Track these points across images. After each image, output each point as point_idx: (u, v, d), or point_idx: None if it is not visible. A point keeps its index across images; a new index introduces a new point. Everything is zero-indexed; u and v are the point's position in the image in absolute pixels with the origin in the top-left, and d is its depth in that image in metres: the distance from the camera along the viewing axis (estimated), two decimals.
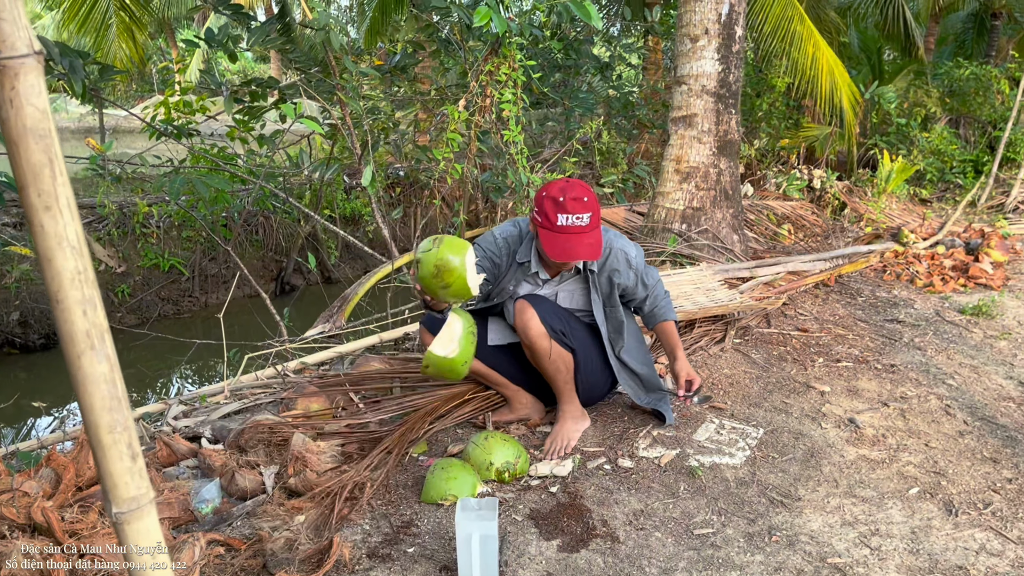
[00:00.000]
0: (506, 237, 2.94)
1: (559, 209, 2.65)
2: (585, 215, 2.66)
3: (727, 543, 2.36)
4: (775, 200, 7.85)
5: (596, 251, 2.69)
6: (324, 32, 4.55)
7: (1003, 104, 10.53)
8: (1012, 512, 2.54)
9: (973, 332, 4.40)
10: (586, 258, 2.67)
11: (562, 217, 2.65)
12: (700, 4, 5.23)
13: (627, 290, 3.01)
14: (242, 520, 2.44)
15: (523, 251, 2.91)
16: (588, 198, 2.68)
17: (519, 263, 2.92)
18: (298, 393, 3.25)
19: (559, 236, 2.67)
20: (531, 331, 2.83)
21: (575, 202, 2.65)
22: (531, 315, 2.83)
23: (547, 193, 2.70)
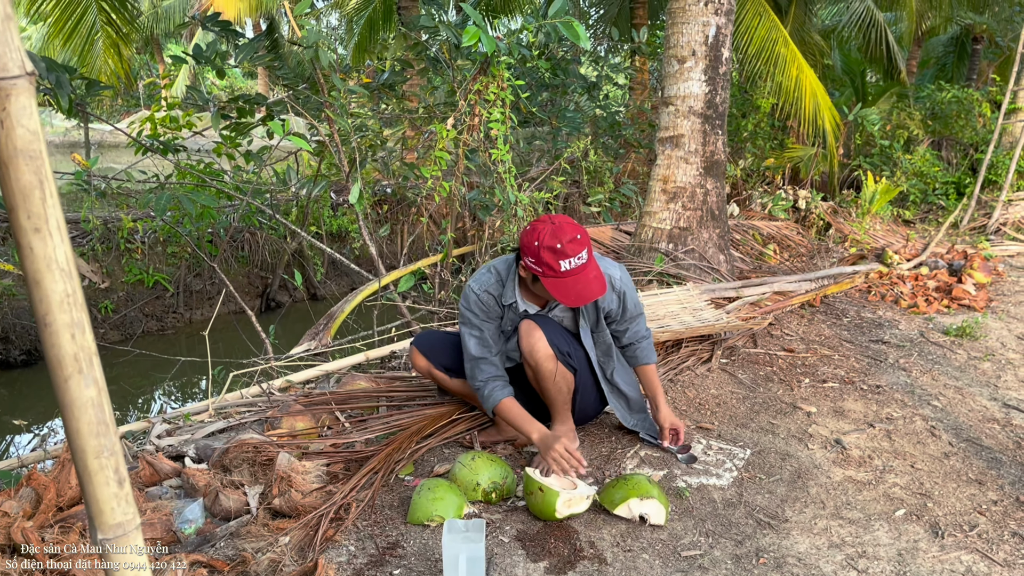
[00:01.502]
0: (486, 289, 2.91)
1: (560, 256, 2.62)
2: (583, 252, 2.66)
3: (715, 565, 2.35)
4: (761, 220, 7.90)
5: (603, 283, 2.70)
6: (313, 49, 4.55)
7: (984, 127, 10.68)
8: (998, 534, 2.55)
9: (957, 353, 4.43)
10: (599, 295, 2.67)
11: (565, 263, 2.63)
12: (687, 26, 5.28)
13: (611, 313, 3.02)
14: (226, 541, 2.41)
15: (508, 294, 2.90)
16: (580, 235, 2.67)
17: (506, 305, 2.93)
18: (283, 412, 3.23)
19: (567, 280, 2.65)
20: (539, 353, 2.82)
21: (572, 244, 2.63)
22: (539, 336, 2.82)
23: (541, 243, 2.64)
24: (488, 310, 2.91)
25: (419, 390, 3.50)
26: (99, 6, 8.67)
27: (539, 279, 2.68)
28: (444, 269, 5.15)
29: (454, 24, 5.20)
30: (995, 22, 16.17)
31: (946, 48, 18.61)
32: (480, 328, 2.90)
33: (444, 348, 3.06)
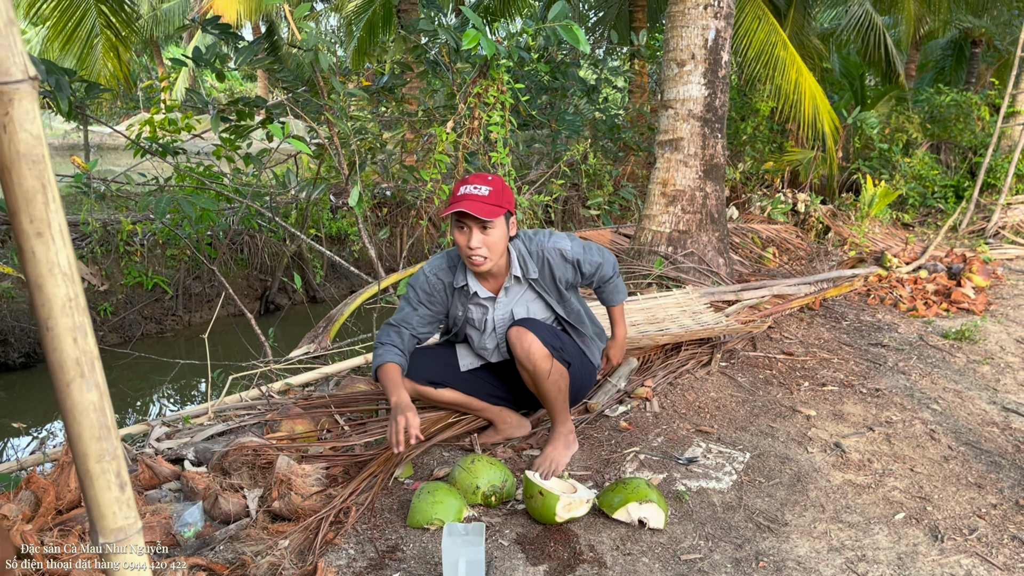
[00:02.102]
0: (435, 272, 2.94)
1: (461, 184, 2.76)
2: (483, 187, 2.71)
3: (714, 569, 2.35)
4: (760, 223, 7.90)
5: (486, 212, 2.67)
6: (312, 52, 4.56)
7: (983, 130, 10.69)
8: (997, 538, 2.55)
9: (956, 357, 4.43)
10: (472, 211, 2.64)
11: (462, 188, 2.73)
12: (687, 29, 5.29)
13: (570, 282, 3.02)
14: (225, 544, 2.40)
15: (459, 276, 2.92)
16: (492, 178, 2.75)
17: (457, 288, 2.93)
18: (283, 415, 3.23)
19: (455, 201, 2.71)
20: (535, 355, 2.80)
21: (477, 177, 2.75)
22: (532, 338, 2.80)
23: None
24: (431, 295, 2.95)
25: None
26: (98, 9, 8.68)
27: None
28: None
29: (454, 27, 5.20)
30: (994, 26, 16.20)
31: (945, 52, 18.65)
32: (415, 308, 2.94)
33: (424, 362, 3.03)
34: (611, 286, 3.18)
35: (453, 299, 2.96)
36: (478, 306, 2.96)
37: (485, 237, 2.72)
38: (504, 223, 2.77)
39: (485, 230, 2.71)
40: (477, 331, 3.02)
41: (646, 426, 3.37)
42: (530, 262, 2.92)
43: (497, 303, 2.96)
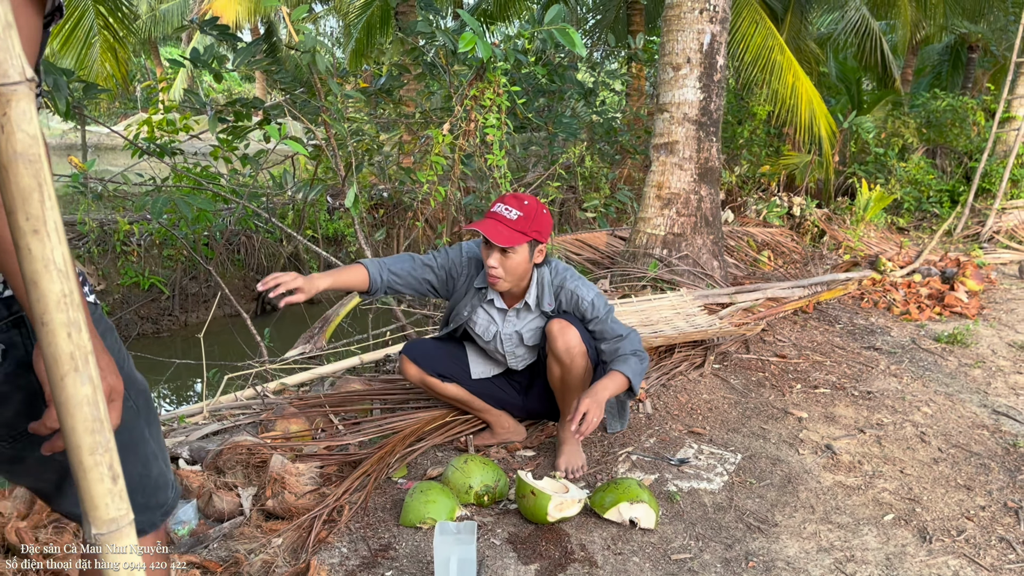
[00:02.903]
0: (471, 257, 2.98)
1: (499, 200, 2.78)
2: (514, 210, 2.73)
3: (704, 568, 2.37)
4: (755, 227, 7.93)
5: (504, 238, 2.69)
6: (309, 54, 4.58)
7: (979, 135, 10.73)
8: (985, 539, 2.58)
9: (948, 360, 4.46)
10: (492, 237, 2.66)
11: (497, 205, 2.76)
12: (682, 33, 5.32)
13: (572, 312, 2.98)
14: (219, 542, 2.42)
15: (482, 277, 2.94)
16: (528, 201, 2.75)
17: (477, 288, 2.95)
18: (277, 414, 3.24)
19: (487, 220, 2.74)
20: (575, 349, 2.83)
21: (514, 198, 2.76)
22: (574, 333, 2.83)
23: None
24: (454, 268, 2.96)
25: (413, 393, 3.52)
26: (96, 10, 8.69)
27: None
28: None
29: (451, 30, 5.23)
30: (990, 31, 16.25)
31: (941, 57, 18.71)
32: (435, 270, 2.94)
33: (435, 355, 3.07)
34: (623, 360, 2.82)
35: (468, 294, 2.97)
36: (487, 314, 2.98)
37: (503, 259, 2.75)
38: (527, 249, 2.78)
39: (504, 253, 2.74)
40: (482, 339, 3.05)
41: (639, 427, 3.39)
42: (547, 293, 2.91)
43: (507, 319, 2.98)
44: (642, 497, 2.56)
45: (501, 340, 3.02)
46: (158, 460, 1.49)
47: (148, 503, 1.47)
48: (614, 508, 2.56)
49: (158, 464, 1.49)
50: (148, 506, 1.47)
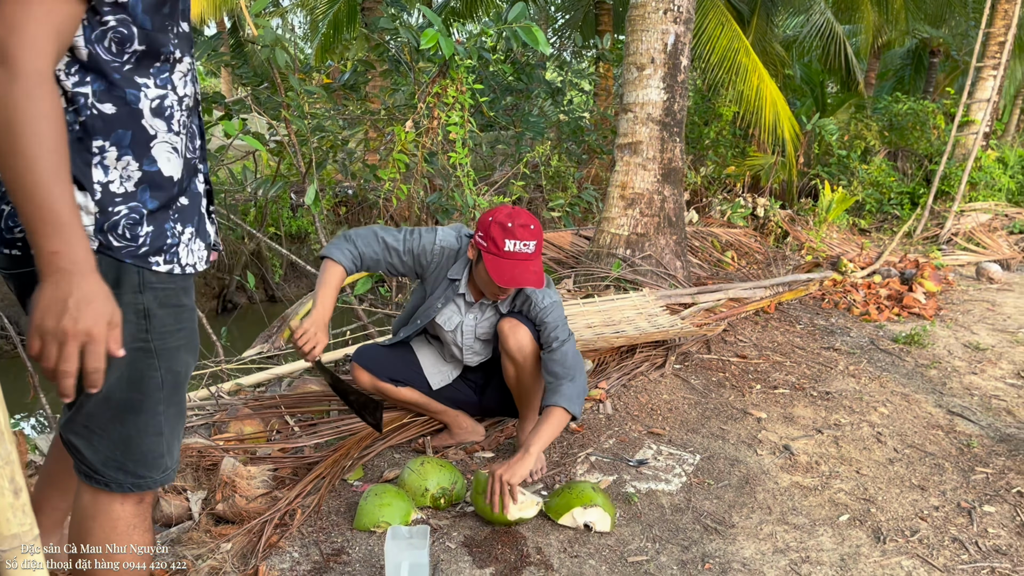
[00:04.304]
0: (444, 246, 2.87)
1: (507, 235, 2.63)
2: (531, 243, 2.66)
3: (661, 570, 2.36)
4: (719, 227, 7.97)
5: (540, 279, 2.68)
6: (269, 49, 4.50)
7: (939, 139, 10.91)
8: (938, 539, 2.59)
9: (905, 361, 4.50)
10: (531, 285, 2.65)
11: (510, 243, 2.63)
12: (647, 34, 5.32)
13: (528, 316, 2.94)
14: (166, 548, 2.36)
15: (456, 268, 2.88)
16: (534, 226, 2.68)
17: (451, 280, 2.90)
18: (231, 415, 3.18)
19: (506, 262, 2.64)
20: (527, 348, 2.82)
21: (523, 229, 2.64)
22: (525, 331, 2.82)
23: (494, 219, 2.66)
24: (423, 255, 2.84)
25: (372, 394, 3.47)
26: None
27: (482, 256, 2.68)
28: None
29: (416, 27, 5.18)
30: (951, 36, 16.54)
31: (903, 61, 19.01)
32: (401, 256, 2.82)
33: (386, 360, 3.02)
34: (566, 386, 2.71)
35: (440, 287, 2.91)
36: (455, 305, 2.95)
37: None
38: None
39: None
40: (443, 329, 3.00)
41: (598, 428, 3.38)
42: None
43: (471, 311, 2.96)
44: (596, 500, 2.54)
45: (462, 331, 2.99)
46: (158, 440, 1.52)
47: (123, 466, 1.49)
48: (568, 513, 2.53)
49: (157, 443, 1.51)
50: (122, 468, 1.49)
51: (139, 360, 1.43)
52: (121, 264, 1.38)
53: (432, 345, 3.17)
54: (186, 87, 1.45)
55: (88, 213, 1.34)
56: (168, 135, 1.41)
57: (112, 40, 1.30)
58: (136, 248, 1.39)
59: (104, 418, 1.44)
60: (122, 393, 1.43)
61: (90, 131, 1.32)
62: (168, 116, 1.41)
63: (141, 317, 1.42)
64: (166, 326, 1.46)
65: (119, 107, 1.34)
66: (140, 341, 1.43)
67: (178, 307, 1.48)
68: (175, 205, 1.45)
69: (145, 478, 1.53)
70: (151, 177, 1.40)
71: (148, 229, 1.40)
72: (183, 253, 1.47)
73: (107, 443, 1.47)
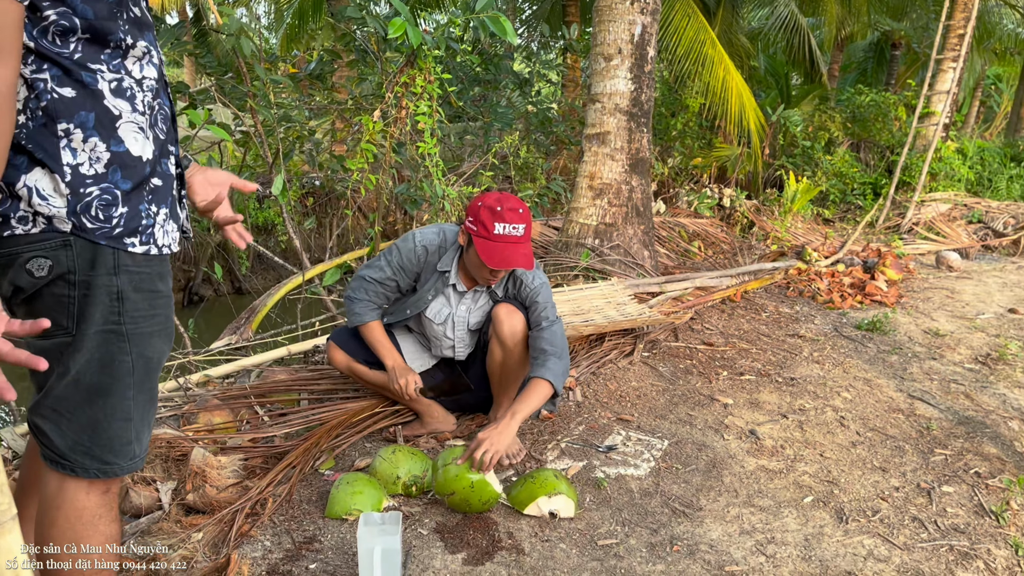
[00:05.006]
0: (426, 244, 2.92)
1: (496, 218, 2.67)
2: (520, 226, 2.71)
3: (630, 553, 2.40)
4: (686, 217, 8.05)
5: (531, 261, 2.74)
6: (234, 37, 4.46)
7: (900, 130, 11.10)
8: (898, 519, 2.66)
9: (868, 347, 4.60)
10: (522, 266, 2.71)
11: (499, 226, 2.68)
12: (614, 24, 5.35)
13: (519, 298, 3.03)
14: (136, 539, 2.35)
15: (445, 260, 2.91)
16: (523, 210, 2.73)
17: (440, 272, 2.93)
18: (200, 407, 3.16)
19: (496, 244, 2.69)
20: (519, 335, 2.88)
21: (512, 212, 2.69)
22: (520, 319, 2.87)
23: (483, 203, 2.72)
24: (414, 263, 2.92)
25: (341, 384, 3.47)
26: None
27: (472, 240, 2.72)
28: None
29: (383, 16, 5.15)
30: (912, 29, 16.79)
31: (866, 53, 19.26)
32: (393, 270, 2.93)
33: (363, 342, 3.04)
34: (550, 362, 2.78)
35: (432, 280, 2.94)
36: (444, 297, 2.97)
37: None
38: None
39: None
40: (433, 323, 3.02)
41: (568, 415, 3.41)
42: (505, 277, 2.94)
43: (463, 301, 2.98)
44: (559, 488, 2.56)
45: (454, 324, 3.02)
46: (126, 426, 1.52)
47: (90, 451, 1.49)
48: (532, 504, 2.55)
49: (125, 428, 1.52)
50: (89, 453, 1.49)
51: (110, 343, 1.44)
52: (96, 246, 1.39)
53: (413, 334, 3.19)
54: (143, 70, 1.46)
55: (60, 195, 1.36)
56: (133, 115, 1.43)
57: (55, 33, 1.33)
58: (110, 229, 1.40)
59: (72, 401, 1.44)
60: (91, 376, 1.43)
61: (53, 115, 1.34)
62: (130, 97, 1.43)
63: (114, 300, 1.43)
64: (139, 310, 1.47)
65: (78, 90, 1.36)
66: (112, 324, 1.43)
67: (153, 292, 1.50)
68: (149, 185, 1.47)
69: (112, 464, 1.52)
70: (120, 158, 1.41)
71: (123, 210, 1.42)
72: (159, 234, 1.49)
73: (75, 427, 1.46)
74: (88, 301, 1.42)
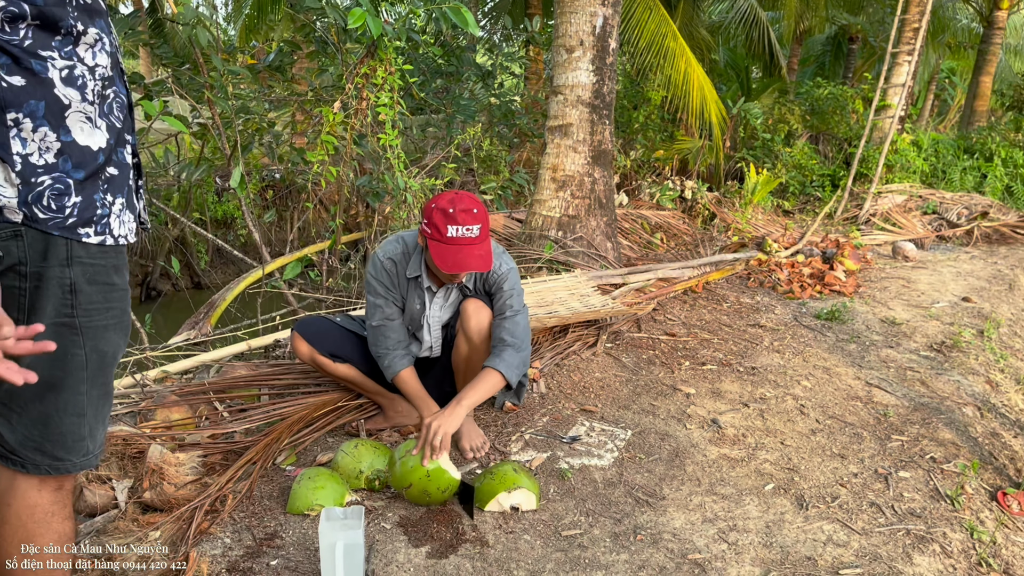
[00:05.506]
0: (391, 257, 2.89)
1: (449, 220, 2.62)
2: (475, 226, 2.65)
3: (594, 543, 2.41)
4: (649, 210, 8.10)
5: (487, 262, 2.68)
6: (190, 27, 4.37)
7: (857, 123, 11.27)
8: (857, 505, 2.71)
9: (827, 336, 4.66)
10: (477, 269, 2.66)
11: (452, 228, 2.62)
12: (575, 16, 5.34)
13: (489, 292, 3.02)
14: (91, 538, 2.30)
15: (412, 266, 2.88)
16: (477, 209, 2.67)
17: (411, 279, 2.90)
18: (158, 403, 3.10)
19: (450, 247, 2.64)
20: (485, 331, 2.85)
21: (465, 213, 2.63)
22: (488, 314, 2.85)
23: (436, 205, 2.66)
24: (392, 278, 2.89)
25: (303, 377, 3.43)
26: None
27: (428, 242, 2.69)
28: (332, 256, 5.06)
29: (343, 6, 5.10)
30: (868, 23, 17.08)
31: (824, 47, 19.54)
32: (384, 297, 2.89)
33: (329, 334, 3.00)
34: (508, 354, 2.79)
35: (409, 289, 2.91)
36: (420, 300, 2.94)
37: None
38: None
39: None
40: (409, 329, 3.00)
41: (532, 407, 3.41)
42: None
43: (435, 299, 2.96)
44: (519, 482, 2.56)
45: (429, 325, 2.99)
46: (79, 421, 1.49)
47: (41, 447, 1.46)
48: (493, 499, 2.54)
49: (77, 424, 1.49)
50: (40, 449, 1.46)
51: (62, 336, 1.41)
52: (48, 236, 1.37)
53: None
54: (96, 57, 1.43)
55: (11, 185, 1.33)
56: (82, 104, 1.40)
57: (4, 20, 1.30)
58: (63, 219, 1.37)
59: (23, 396, 1.41)
60: (43, 370, 1.40)
61: (2, 104, 1.33)
62: (81, 86, 1.40)
63: (67, 292, 1.41)
64: (93, 303, 1.45)
65: (28, 78, 1.34)
66: (64, 317, 1.41)
67: (108, 285, 1.47)
68: (104, 174, 1.44)
69: (64, 461, 1.49)
70: (70, 147, 1.39)
71: (76, 199, 1.39)
72: (115, 224, 1.46)
73: (25, 422, 1.43)
74: (40, 293, 1.39)
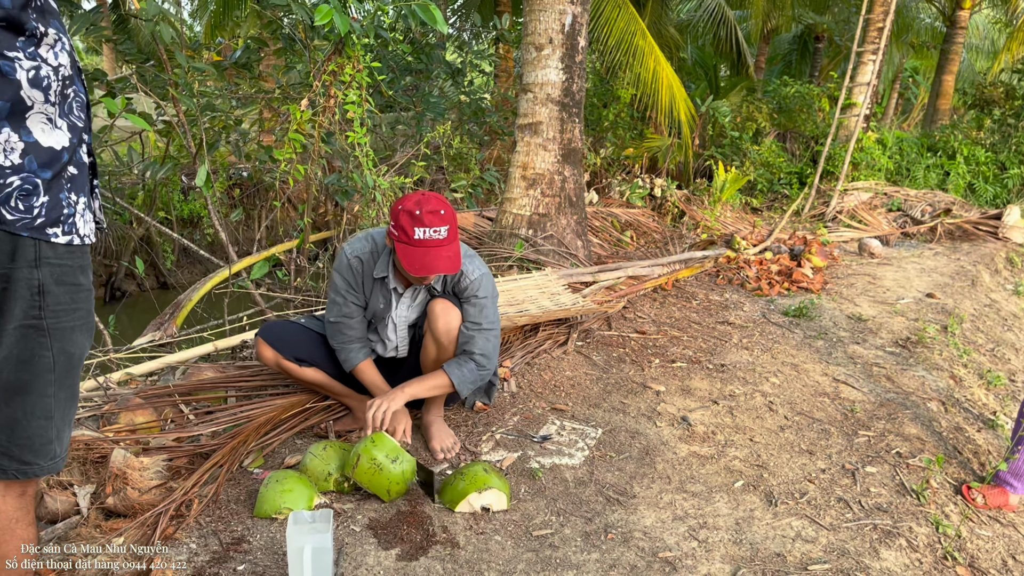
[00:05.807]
0: (358, 255, 2.85)
1: (416, 223, 2.59)
2: (442, 228, 2.61)
3: (565, 543, 2.40)
4: (619, 208, 8.12)
5: (455, 264, 2.65)
6: (153, 24, 4.30)
7: (824, 121, 11.39)
8: (825, 500, 2.73)
9: (795, 332, 4.70)
10: (445, 271, 2.62)
11: (419, 231, 2.59)
12: (544, 14, 5.33)
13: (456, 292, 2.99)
14: (52, 545, 2.24)
15: (380, 266, 2.84)
16: (445, 211, 2.63)
17: (377, 279, 2.86)
18: (121, 406, 3.04)
19: (417, 250, 2.61)
20: (454, 332, 2.82)
21: (432, 215, 2.60)
22: (456, 315, 2.82)
23: (403, 207, 2.62)
24: (356, 277, 2.86)
25: (270, 379, 3.39)
26: None
27: (395, 245, 2.66)
28: (301, 255, 5.00)
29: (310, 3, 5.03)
30: (834, 22, 17.27)
31: (791, 46, 19.74)
32: (344, 296, 2.86)
33: (293, 338, 2.96)
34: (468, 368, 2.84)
35: (375, 288, 2.87)
36: (386, 300, 2.90)
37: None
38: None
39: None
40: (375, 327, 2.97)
41: (503, 406, 3.40)
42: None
43: (402, 300, 2.92)
44: (489, 482, 2.54)
45: (395, 326, 2.96)
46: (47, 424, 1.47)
47: (8, 451, 1.45)
48: (464, 500, 2.53)
49: (45, 427, 1.47)
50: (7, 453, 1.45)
51: (30, 338, 1.40)
52: (16, 237, 1.35)
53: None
54: (58, 57, 1.41)
55: None
56: (44, 106, 1.39)
57: None
58: (32, 220, 1.36)
59: None
60: (10, 372, 1.37)
61: None
62: (46, 87, 1.39)
63: (35, 294, 1.39)
64: (61, 304, 1.43)
65: None
66: (32, 319, 1.39)
67: (74, 286, 1.46)
68: (66, 174, 1.43)
69: (31, 464, 1.47)
70: (33, 148, 1.37)
71: (44, 199, 1.38)
72: (80, 223, 1.45)
73: None
74: (8, 295, 1.37)
